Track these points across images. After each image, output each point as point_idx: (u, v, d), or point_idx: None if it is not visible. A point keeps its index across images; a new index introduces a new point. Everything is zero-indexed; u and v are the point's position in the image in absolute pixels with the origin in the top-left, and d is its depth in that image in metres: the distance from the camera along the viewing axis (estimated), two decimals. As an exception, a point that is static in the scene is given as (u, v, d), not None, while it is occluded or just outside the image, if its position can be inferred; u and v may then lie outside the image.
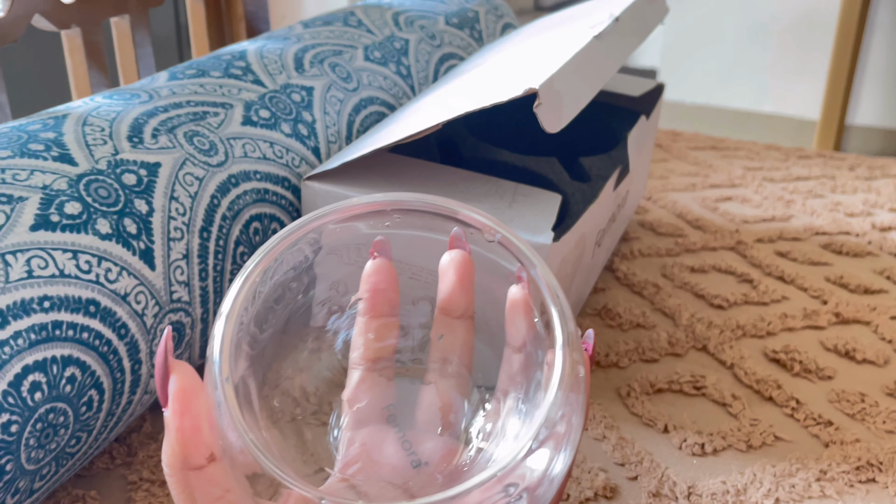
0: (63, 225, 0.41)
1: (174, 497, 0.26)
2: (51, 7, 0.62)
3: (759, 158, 1.05)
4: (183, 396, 0.25)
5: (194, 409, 0.26)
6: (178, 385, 0.25)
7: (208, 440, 0.26)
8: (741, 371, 0.58)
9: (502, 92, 0.48)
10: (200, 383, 0.26)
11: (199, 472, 0.26)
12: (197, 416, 0.26)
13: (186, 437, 0.25)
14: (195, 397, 0.26)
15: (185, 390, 0.26)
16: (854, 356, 0.61)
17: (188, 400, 0.26)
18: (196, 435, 0.26)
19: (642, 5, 0.64)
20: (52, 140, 0.45)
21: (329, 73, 0.64)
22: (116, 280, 0.42)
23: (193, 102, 0.54)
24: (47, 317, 0.39)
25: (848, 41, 1.93)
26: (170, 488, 0.26)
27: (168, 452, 0.26)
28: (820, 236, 0.81)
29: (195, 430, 0.26)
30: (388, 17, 0.76)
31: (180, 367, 0.26)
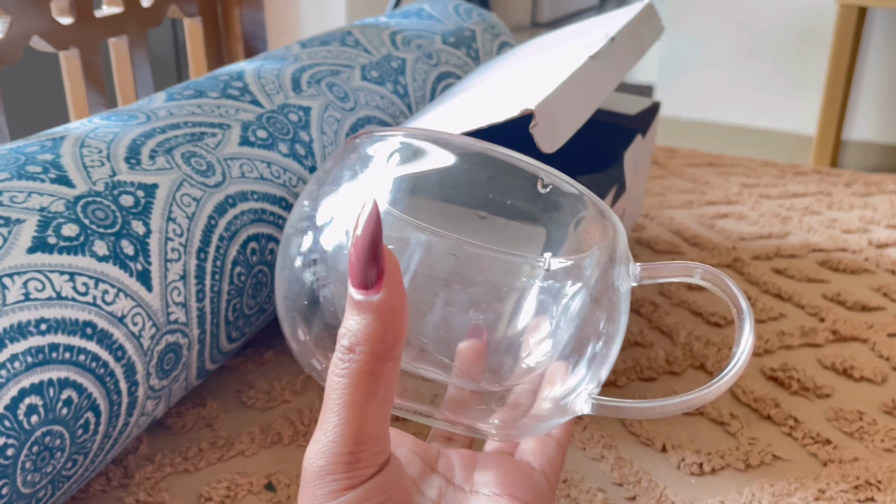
0: (60, 247, 0.41)
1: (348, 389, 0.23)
2: (49, 28, 0.62)
3: (755, 175, 1.05)
4: (399, 277, 0.23)
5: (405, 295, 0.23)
6: (395, 265, 0.22)
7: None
8: (739, 389, 0.58)
9: (499, 112, 0.48)
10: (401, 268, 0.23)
11: (394, 364, 0.23)
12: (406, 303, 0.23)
13: (403, 320, 0.23)
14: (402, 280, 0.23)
15: (398, 271, 0.23)
16: (852, 374, 0.61)
17: (401, 280, 0.23)
18: (406, 320, 0.23)
19: (638, 25, 0.65)
20: (49, 162, 0.45)
21: (326, 93, 0.64)
22: (113, 302, 0.42)
23: (191, 123, 0.54)
24: (44, 339, 0.39)
25: (844, 57, 1.94)
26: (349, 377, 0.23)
27: (374, 337, 0.22)
28: (817, 253, 0.81)
29: (406, 313, 0.23)
30: (385, 37, 0.76)
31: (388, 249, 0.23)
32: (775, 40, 2.25)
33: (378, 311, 0.22)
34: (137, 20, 0.71)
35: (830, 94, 1.99)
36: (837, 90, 1.98)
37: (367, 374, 0.23)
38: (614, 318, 0.29)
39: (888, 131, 2.23)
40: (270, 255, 0.54)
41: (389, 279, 0.23)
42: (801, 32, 2.21)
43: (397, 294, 0.23)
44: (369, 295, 0.22)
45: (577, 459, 0.51)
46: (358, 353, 0.23)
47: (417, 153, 0.29)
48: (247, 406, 0.55)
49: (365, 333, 0.23)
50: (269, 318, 0.58)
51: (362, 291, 0.22)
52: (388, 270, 0.22)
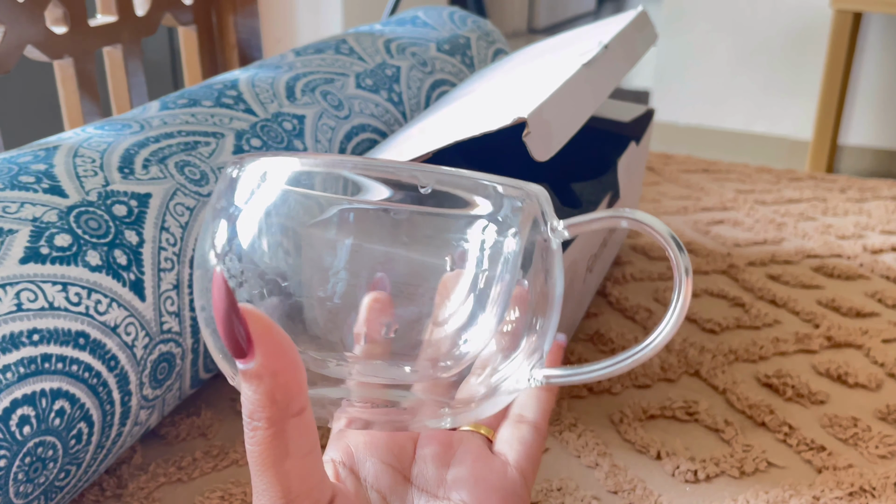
0: (53, 257, 0.41)
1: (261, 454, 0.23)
2: (43, 38, 0.63)
3: (750, 181, 1.05)
4: (270, 337, 0.22)
5: (288, 347, 0.23)
6: (261, 325, 0.22)
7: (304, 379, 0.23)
8: (734, 396, 0.58)
9: (492, 121, 0.48)
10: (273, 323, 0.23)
11: (299, 419, 0.23)
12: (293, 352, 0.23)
13: (289, 376, 0.23)
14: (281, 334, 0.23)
15: (269, 330, 0.22)
16: (846, 380, 0.61)
17: (278, 337, 0.22)
18: (297, 373, 0.23)
19: (631, 32, 0.65)
20: (42, 172, 0.45)
21: (321, 102, 0.64)
22: (106, 312, 0.42)
23: (184, 132, 0.54)
24: (36, 350, 0.39)
25: (839, 62, 1.95)
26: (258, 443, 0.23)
27: (266, 404, 0.22)
28: (811, 259, 0.82)
29: (295, 367, 0.23)
30: (379, 45, 0.76)
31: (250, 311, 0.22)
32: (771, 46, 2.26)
33: (257, 377, 0.22)
34: (132, 29, 0.71)
35: (826, 99, 1.99)
36: (833, 95, 1.98)
37: (271, 438, 0.23)
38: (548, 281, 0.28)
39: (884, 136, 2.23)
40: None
41: (260, 342, 0.22)
42: (797, 38, 2.22)
43: (272, 354, 0.22)
44: (246, 363, 0.22)
45: (572, 467, 0.51)
46: (256, 421, 0.23)
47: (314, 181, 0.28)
48: (241, 415, 0.55)
49: (255, 401, 0.23)
50: (264, 326, 0.58)
51: (240, 361, 0.22)
52: (256, 335, 0.22)
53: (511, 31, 3.30)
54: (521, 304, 0.28)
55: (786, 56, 2.25)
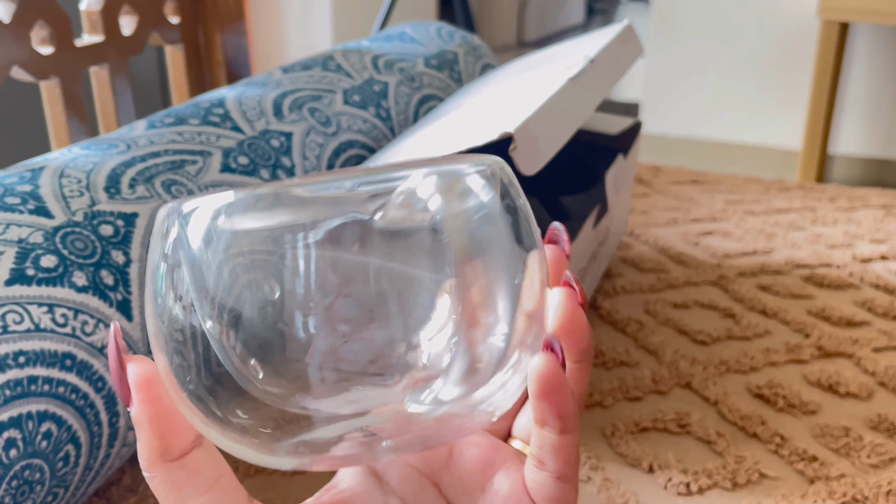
0: (39, 278, 0.41)
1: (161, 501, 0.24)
2: (29, 58, 0.63)
3: (739, 192, 1.06)
4: (148, 383, 0.23)
5: (163, 394, 0.24)
6: (139, 373, 0.23)
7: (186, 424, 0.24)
8: (725, 408, 0.58)
9: (478, 136, 0.49)
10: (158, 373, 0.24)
11: (184, 462, 0.24)
12: (167, 399, 0.24)
13: (163, 423, 0.24)
14: (160, 383, 0.24)
15: (147, 377, 0.24)
16: (837, 390, 0.61)
17: (154, 386, 0.24)
18: (172, 418, 0.24)
19: (617, 46, 0.65)
20: (28, 193, 0.45)
21: (308, 118, 0.65)
22: (93, 332, 0.42)
23: (171, 151, 0.54)
24: (22, 372, 0.39)
25: (827, 72, 1.96)
26: (155, 492, 0.23)
27: (145, 449, 0.24)
28: (801, 269, 0.82)
29: (170, 413, 0.24)
30: (367, 61, 0.77)
31: (136, 358, 0.24)
32: (759, 57, 2.28)
33: (138, 423, 0.23)
34: (118, 48, 0.72)
35: (815, 108, 2.01)
36: (822, 105, 1.99)
37: (159, 485, 0.24)
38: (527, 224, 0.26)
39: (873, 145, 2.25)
40: (253, 281, 0.54)
41: (137, 390, 0.23)
42: (785, 48, 2.24)
43: (145, 402, 0.23)
44: (130, 409, 0.23)
45: (564, 482, 0.51)
46: (145, 471, 0.24)
47: None
48: (231, 434, 0.55)
49: (139, 447, 0.24)
50: (253, 344, 0.58)
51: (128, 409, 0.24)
52: (134, 382, 0.23)
53: (500, 45, 3.31)
54: None
55: (774, 67, 2.26)
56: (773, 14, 2.19)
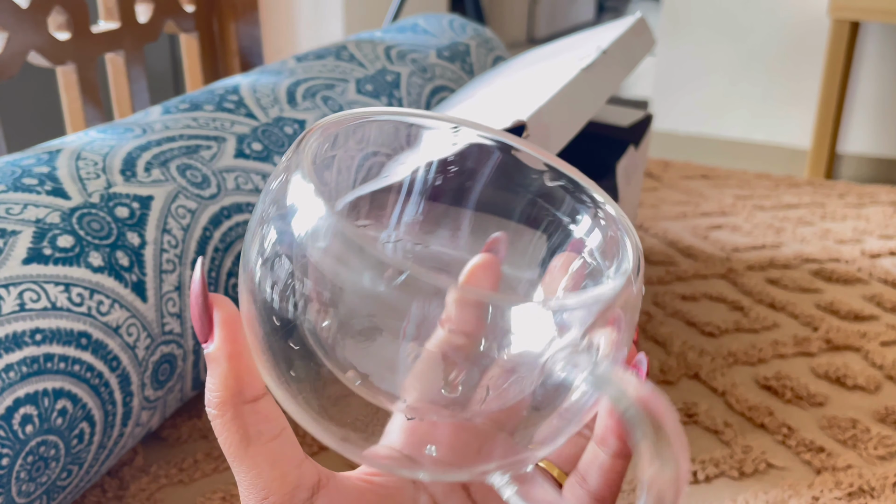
0: (56, 258, 0.42)
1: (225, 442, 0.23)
2: (46, 44, 0.63)
3: (749, 187, 1.06)
4: (231, 322, 0.23)
5: (243, 336, 0.24)
6: (223, 313, 0.23)
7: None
8: (733, 398, 0.58)
9: (491, 124, 0.49)
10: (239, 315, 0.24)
11: (255, 405, 0.24)
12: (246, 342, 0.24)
13: (242, 363, 0.23)
14: (241, 325, 0.24)
15: (231, 317, 0.23)
16: (845, 382, 0.61)
17: (237, 325, 0.24)
18: (251, 361, 0.24)
19: (629, 38, 0.65)
20: (45, 174, 0.45)
21: (321, 107, 0.65)
22: (108, 312, 0.43)
23: (186, 136, 0.54)
24: (39, 349, 0.39)
25: (837, 71, 1.96)
26: (219, 432, 0.23)
27: (219, 387, 0.23)
28: (810, 263, 0.82)
29: (249, 355, 0.24)
30: (380, 51, 0.77)
31: (219, 297, 0.24)
32: (770, 55, 2.27)
33: (215, 360, 0.23)
34: (134, 36, 0.72)
35: (824, 107, 2.00)
36: (831, 104, 1.99)
37: (229, 423, 0.23)
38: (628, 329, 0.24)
39: (882, 144, 2.24)
40: (265, 266, 0.54)
41: (220, 328, 0.23)
42: (795, 47, 2.23)
43: (228, 340, 0.23)
44: (206, 346, 0.23)
45: (572, 468, 0.51)
46: (213, 408, 0.24)
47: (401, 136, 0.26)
48: (242, 417, 0.55)
49: (212, 385, 0.23)
50: (265, 329, 0.58)
51: (203, 344, 0.23)
52: (219, 320, 0.23)
53: (511, 41, 3.31)
54: None
55: (784, 65, 2.26)
56: (783, 12, 2.19)
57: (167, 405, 0.49)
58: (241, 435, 0.24)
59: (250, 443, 0.24)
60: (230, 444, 0.24)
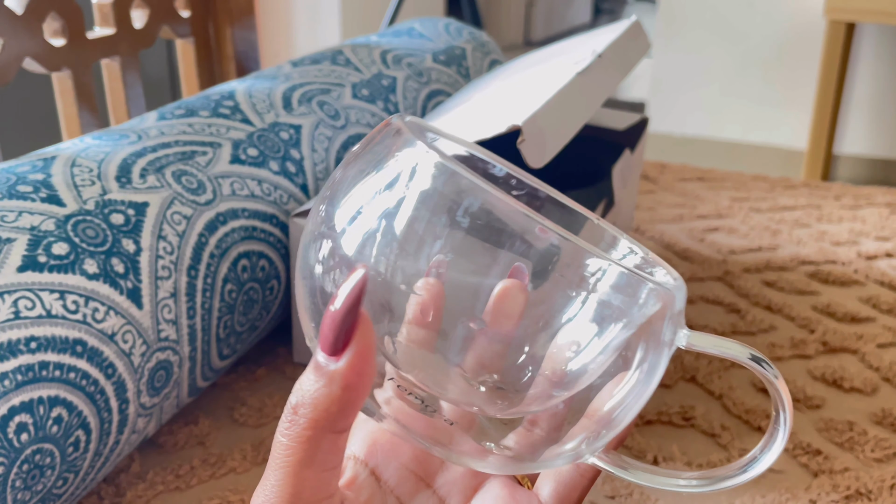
0: (51, 265, 0.41)
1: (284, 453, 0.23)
2: (42, 50, 0.63)
3: (745, 189, 1.06)
4: (367, 353, 0.22)
5: (371, 370, 0.22)
6: (364, 340, 0.22)
7: None
8: (730, 401, 0.58)
9: (486, 128, 0.49)
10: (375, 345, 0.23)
11: (337, 438, 0.23)
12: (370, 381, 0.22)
13: (355, 396, 0.22)
14: (374, 357, 0.22)
15: (369, 347, 0.22)
16: (842, 385, 0.61)
17: (370, 358, 0.22)
18: (362, 397, 0.22)
19: (624, 42, 0.65)
20: (40, 181, 0.45)
21: (317, 111, 0.65)
22: (104, 320, 0.42)
23: (182, 142, 0.54)
24: (34, 357, 0.39)
25: (833, 72, 1.96)
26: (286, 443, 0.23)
27: (319, 408, 0.22)
28: (806, 265, 0.82)
29: (364, 390, 0.22)
30: (375, 56, 0.77)
31: (365, 320, 0.22)
32: (766, 56, 2.27)
33: (331, 379, 0.22)
34: (129, 41, 0.72)
35: (821, 108, 2.00)
36: (827, 105, 1.99)
37: (305, 440, 0.22)
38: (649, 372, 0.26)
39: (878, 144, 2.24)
40: (261, 272, 0.54)
41: (355, 352, 0.22)
42: (791, 48, 2.23)
43: (357, 370, 0.22)
44: (329, 361, 0.22)
45: (569, 473, 0.51)
46: (300, 416, 0.22)
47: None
48: (238, 423, 0.55)
49: (313, 398, 0.22)
50: (261, 335, 0.58)
51: (325, 356, 0.22)
52: (357, 343, 0.22)
53: (507, 45, 3.31)
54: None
55: (781, 66, 2.26)
56: (779, 14, 2.19)
57: (163, 412, 0.49)
58: (307, 456, 0.23)
59: (308, 466, 0.23)
60: (289, 459, 0.23)
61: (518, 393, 0.27)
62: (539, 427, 0.27)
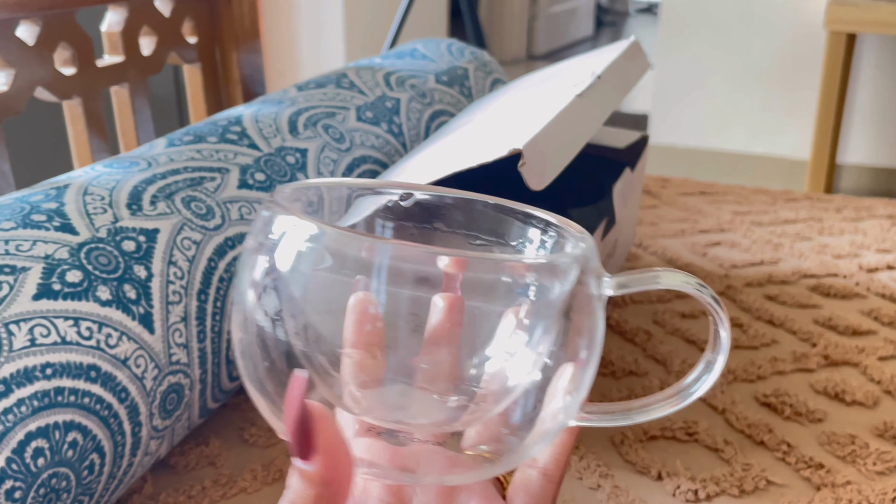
0: (65, 293, 0.43)
1: None
2: (52, 79, 0.64)
3: (747, 202, 1.06)
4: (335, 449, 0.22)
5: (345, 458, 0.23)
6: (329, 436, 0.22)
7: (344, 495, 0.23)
8: (733, 416, 0.59)
9: (488, 152, 0.50)
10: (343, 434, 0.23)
11: None
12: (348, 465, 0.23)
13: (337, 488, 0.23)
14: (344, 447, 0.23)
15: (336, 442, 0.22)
16: (844, 398, 0.62)
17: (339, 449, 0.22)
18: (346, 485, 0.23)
19: (624, 62, 0.66)
20: (53, 210, 0.47)
21: (322, 135, 0.66)
22: (117, 345, 0.44)
23: (191, 168, 0.55)
24: (50, 384, 0.40)
25: (834, 82, 1.97)
26: None
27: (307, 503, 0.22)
28: (808, 279, 0.82)
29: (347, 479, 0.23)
30: (379, 78, 0.78)
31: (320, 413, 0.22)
32: (768, 67, 2.28)
33: (311, 481, 0.23)
34: (138, 68, 0.73)
35: (823, 119, 2.01)
36: (829, 115, 2.00)
37: None
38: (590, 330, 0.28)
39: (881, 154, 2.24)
40: (270, 294, 0.55)
41: (324, 451, 0.22)
42: (793, 59, 2.24)
43: (331, 466, 0.23)
44: (304, 465, 0.23)
45: (574, 489, 0.52)
46: None
47: None
48: (249, 444, 0.56)
49: (301, 497, 0.23)
50: (270, 356, 0.59)
51: (299, 460, 0.23)
52: (323, 442, 0.22)
53: (510, 58, 3.33)
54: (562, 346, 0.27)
55: (782, 77, 2.27)
56: (780, 25, 2.20)
57: (175, 433, 0.50)
58: None
59: None
60: None
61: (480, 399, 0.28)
62: (506, 418, 0.28)
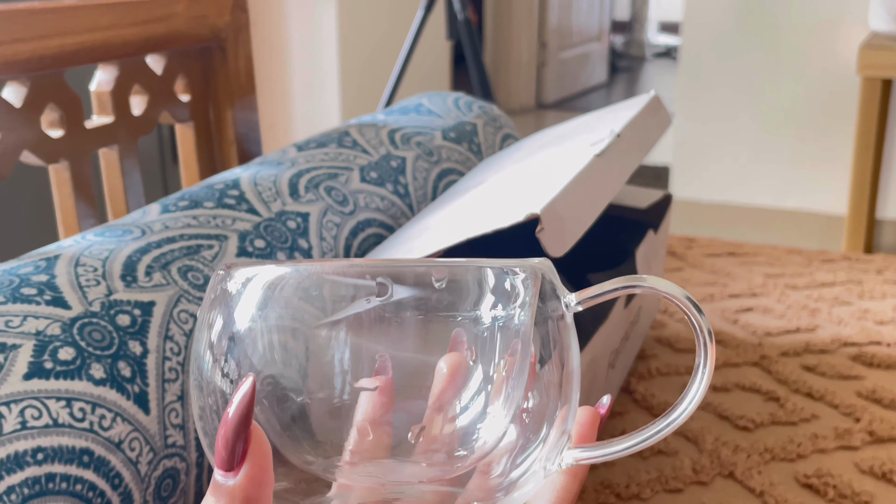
0: (57, 372, 0.44)
1: None
2: (39, 142, 0.67)
3: (780, 264, 1.08)
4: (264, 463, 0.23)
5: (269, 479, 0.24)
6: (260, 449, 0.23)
7: None
8: (772, 499, 0.59)
9: (504, 216, 0.52)
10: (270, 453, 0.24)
11: None
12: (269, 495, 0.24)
13: None
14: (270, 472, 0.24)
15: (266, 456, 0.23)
16: (892, 478, 0.62)
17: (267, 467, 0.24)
18: None
19: (644, 118, 0.69)
20: (44, 283, 0.48)
21: (325, 198, 0.68)
22: (111, 427, 0.45)
23: (187, 236, 0.57)
24: (41, 469, 0.41)
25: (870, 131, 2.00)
26: None
27: None
28: (849, 347, 0.84)
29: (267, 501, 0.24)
30: (383, 136, 0.80)
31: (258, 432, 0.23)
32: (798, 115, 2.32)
33: (232, 496, 0.23)
34: (128, 129, 0.76)
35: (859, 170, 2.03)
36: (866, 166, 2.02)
37: None
38: (564, 356, 0.29)
39: (924, 208, 2.26)
40: (270, 370, 0.57)
41: (252, 463, 0.23)
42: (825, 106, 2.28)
43: (256, 481, 0.23)
44: (227, 478, 0.23)
45: (601, 581, 0.52)
46: None
47: None
48: (246, 533, 0.57)
49: None
50: (269, 436, 0.60)
51: (222, 473, 0.23)
52: (253, 454, 0.23)
53: (518, 108, 3.38)
54: (538, 386, 0.29)
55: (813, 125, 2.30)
56: (810, 71, 2.25)
57: (169, 523, 0.51)
58: None
59: None
60: None
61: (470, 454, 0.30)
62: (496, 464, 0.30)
